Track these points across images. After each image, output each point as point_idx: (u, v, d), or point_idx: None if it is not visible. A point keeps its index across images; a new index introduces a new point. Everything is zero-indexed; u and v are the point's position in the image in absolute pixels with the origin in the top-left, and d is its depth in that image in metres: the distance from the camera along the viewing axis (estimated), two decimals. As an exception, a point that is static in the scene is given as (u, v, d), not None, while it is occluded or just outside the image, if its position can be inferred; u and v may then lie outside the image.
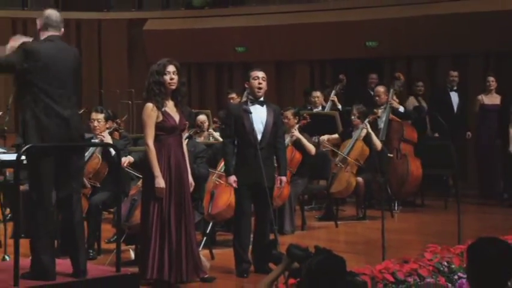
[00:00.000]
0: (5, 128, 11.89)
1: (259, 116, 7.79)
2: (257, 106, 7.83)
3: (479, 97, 12.31)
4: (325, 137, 10.85)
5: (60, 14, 6.66)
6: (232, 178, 7.72)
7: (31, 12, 16.84)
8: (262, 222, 7.87)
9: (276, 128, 7.94)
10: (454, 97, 12.46)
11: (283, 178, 8.03)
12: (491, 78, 12.18)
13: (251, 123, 7.71)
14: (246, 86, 8.02)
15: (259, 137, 7.77)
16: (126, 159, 8.27)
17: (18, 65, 6.31)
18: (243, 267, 7.69)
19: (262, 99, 7.88)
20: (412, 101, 12.80)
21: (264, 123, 7.81)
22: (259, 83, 7.84)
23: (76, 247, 6.59)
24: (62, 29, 6.57)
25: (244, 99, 11.42)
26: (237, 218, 7.91)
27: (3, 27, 16.44)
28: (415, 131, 11.55)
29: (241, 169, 7.75)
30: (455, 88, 12.53)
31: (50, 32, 6.47)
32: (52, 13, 6.57)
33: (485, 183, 12.44)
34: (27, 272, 6.38)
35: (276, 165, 8.11)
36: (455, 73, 12.61)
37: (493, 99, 12.28)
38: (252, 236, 7.97)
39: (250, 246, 7.90)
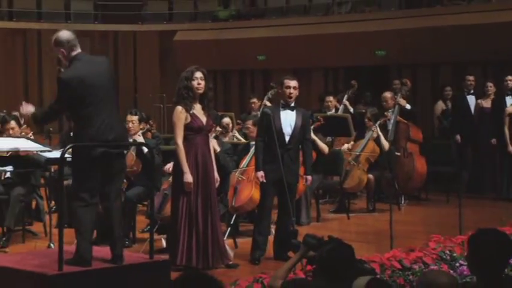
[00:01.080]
0: (50, 129, 11.95)
1: (288, 119, 7.79)
2: (288, 111, 7.82)
3: (479, 101, 12.20)
4: (345, 147, 10.83)
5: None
6: (260, 173, 7.69)
7: (74, 25, 16.97)
8: (284, 215, 7.82)
9: (303, 131, 7.94)
10: (471, 100, 12.28)
11: (309, 177, 8.05)
12: (489, 84, 12.07)
13: (281, 125, 7.73)
14: (279, 91, 7.97)
15: (287, 138, 7.78)
16: (170, 165, 8.23)
17: (64, 100, 6.26)
18: (257, 254, 7.66)
19: (292, 104, 7.86)
20: (440, 105, 12.76)
21: (293, 126, 7.80)
22: (290, 92, 7.83)
23: (114, 236, 6.62)
24: (79, 47, 6.37)
25: (265, 102, 11.51)
26: (260, 210, 7.93)
27: (49, 41, 16.53)
28: (420, 132, 11.51)
29: (268, 166, 7.70)
30: (472, 92, 12.34)
31: (75, 52, 6.33)
32: (69, 34, 6.36)
33: (485, 179, 12.35)
34: (70, 259, 6.41)
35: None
36: (471, 77, 12.39)
37: (491, 103, 12.19)
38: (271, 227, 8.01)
39: (272, 236, 7.90)
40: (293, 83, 7.87)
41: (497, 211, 10.22)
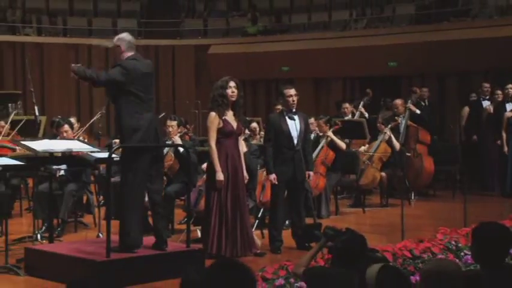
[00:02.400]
0: (99, 132, 12.02)
1: (294, 123, 7.74)
2: (292, 116, 7.76)
3: (487, 106, 12.14)
4: (361, 149, 10.81)
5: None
6: (273, 176, 7.63)
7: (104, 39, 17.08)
8: (297, 208, 7.83)
9: (306, 133, 7.93)
10: (486, 105, 12.20)
11: (311, 172, 7.96)
12: (498, 92, 11.99)
13: (289, 130, 7.71)
14: (280, 100, 7.90)
15: (295, 141, 7.74)
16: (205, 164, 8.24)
17: (118, 78, 6.39)
18: (276, 245, 7.63)
19: (294, 110, 7.81)
20: (466, 110, 12.61)
21: (298, 129, 7.77)
22: (293, 100, 7.75)
23: (159, 226, 6.65)
24: (135, 49, 6.60)
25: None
26: (273, 207, 7.81)
27: (98, 53, 16.67)
28: (428, 135, 11.45)
29: (280, 168, 7.66)
30: (487, 97, 12.23)
31: (131, 52, 6.53)
32: (130, 37, 6.61)
33: (487, 177, 12.26)
34: (117, 246, 6.45)
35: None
36: (487, 84, 12.29)
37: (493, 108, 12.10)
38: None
39: (290, 229, 7.86)
40: (292, 91, 7.80)
41: (499, 206, 10.16)
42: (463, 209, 7.93)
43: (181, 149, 8.25)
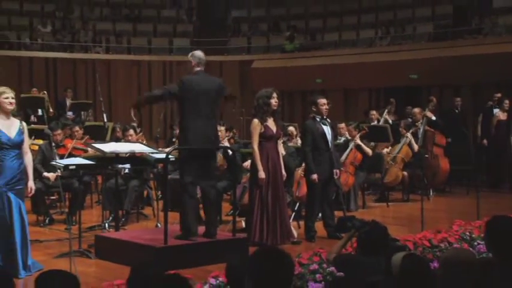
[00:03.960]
0: (158, 135, 12.13)
1: (326, 128, 7.69)
2: (324, 122, 7.72)
3: (497, 114, 11.99)
4: (385, 151, 10.72)
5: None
6: (315, 176, 7.54)
7: (175, 56, 17.21)
8: (329, 202, 7.80)
9: (334, 136, 7.90)
10: (496, 112, 12.05)
11: (338, 171, 7.88)
12: (506, 101, 11.83)
13: (325, 133, 7.67)
14: (314, 108, 7.83)
15: (329, 143, 7.70)
16: (247, 162, 8.24)
17: (173, 90, 6.52)
18: (310, 234, 7.57)
19: (325, 117, 7.76)
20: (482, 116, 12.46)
21: (330, 133, 7.73)
22: (326, 108, 7.71)
23: (210, 218, 6.68)
24: (203, 66, 6.66)
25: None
26: (311, 202, 7.72)
27: (157, 68, 16.81)
28: (444, 138, 11.35)
29: (318, 168, 7.57)
30: (497, 106, 12.07)
31: (199, 68, 6.60)
32: (201, 54, 6.69)
33: (498, 176, 12.10)
34: (177, 235, 6.49)
35: None
36: (499, 95, 12.12)
37: (506, 115, 11.95)
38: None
39: (322, 220, 7.80)
40: (325, 100, 7.75)
41: (509, 201, 10.02)
42: (476, 204, 7.84)
43: (229, 151, 8.27)
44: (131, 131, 9.09)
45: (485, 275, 3.54)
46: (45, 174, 8.44)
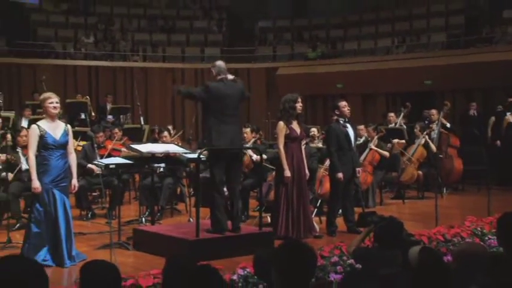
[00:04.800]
0: (190, 137, 12.18)
1: (349, 130, 7.65)
2: (347, 124, 7.68)
3: (507, 117, 11.84)
4: (395, 140, 10.65)
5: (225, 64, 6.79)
6: (340, 174, 7.48)
7: (206, 64, 17.26)
8: (350, 199, 7.75)
9: (355, 137, 7.85)
10: (507, 115, 11.92)
11: (359, 169, 7.86)
12: None
13: (348, 134, 7.63)
14: (337, 111, 7.78)
15: (352, 144, 7.67)
16: (256, 157, 8.27)
17: (202, 95, 6.52)
18: (331, 229, 7.53)
19: (347, 119, 7.73)
20: (492, 120, 12.22)
21: (353, 134, 7.70)
22: (348, 109, 7.69)
23: (235, 213, 6.69)
24: (227, 73, 6.63)
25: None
26: (334, 198, 7.67)
27: (190, 75, 16.87)
28: (458, 140, 11.23)
29: (342, 167, 7.52)
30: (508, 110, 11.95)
31: (221, 76, 6.57)
32: (221, 64, 6.68)
33: (509, 175, 11.94)
34: (208, 229, 6.51)
35: None
36: (511, 99, 11.92)
37: None
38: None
39: (342, 216, 7.76)
40: (344, 103, 7.72)
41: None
42: (487, 201, 7.74)
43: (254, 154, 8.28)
44: (166, 133, 9.13)
45: (496, 268, 3.49)
46: (89, 165, 8.51)
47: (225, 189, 6.66)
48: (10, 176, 7.83)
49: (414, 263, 3.39)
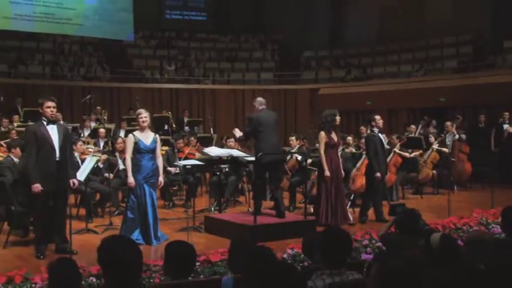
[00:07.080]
0: (249, 144, 12.19)
1: (382, 138, 7.59)
2: (380, 134, 7.60)
3: (506, 128, 11.49)
4: (413, 154, 10.38)
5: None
6: (379, 174, 7.39)
7: (261, 86, 17.32)
8: (380, 194, 7.62)
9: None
10: (506, 127, 11.56)
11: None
12: None
13: (383, 142, 7.55)
14: (373, 123, 7.70)
15: (385, 149, 7.60)
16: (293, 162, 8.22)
17: (250, 127, 6.71)
18: (363, 218, 7.45)
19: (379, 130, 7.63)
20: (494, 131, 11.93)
21: (384, 142, 7.61)
22: (382, 122, 7.63)
23: (279, 204, 6.70)
24: (264, 105, 6.77)
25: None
26: (368, 194, 7.58)
27: (250, 95, 16.96)
28: (468, 147, 10.97)
29: (379, 169, 7.44)
30: (507, 122, 11.56)
31: (261, 107, 6.73)
32: (261, 99, 6.86)
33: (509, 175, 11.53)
34: (251, 212, 6.56)
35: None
36: (507, 113, 11.55)
37: None
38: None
39: (373, 207, 7.62)
40: (379, 116, 7.64)
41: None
42: (491, 197, 7.51)
43: (299, 156, 8.27)
44: (231, 140, 9.22)
45: (500, 251, 3.39)
46: (169, 168, 8.67)
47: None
48: (111, 175, 8.08)
49: (436, 246, 3.32)
